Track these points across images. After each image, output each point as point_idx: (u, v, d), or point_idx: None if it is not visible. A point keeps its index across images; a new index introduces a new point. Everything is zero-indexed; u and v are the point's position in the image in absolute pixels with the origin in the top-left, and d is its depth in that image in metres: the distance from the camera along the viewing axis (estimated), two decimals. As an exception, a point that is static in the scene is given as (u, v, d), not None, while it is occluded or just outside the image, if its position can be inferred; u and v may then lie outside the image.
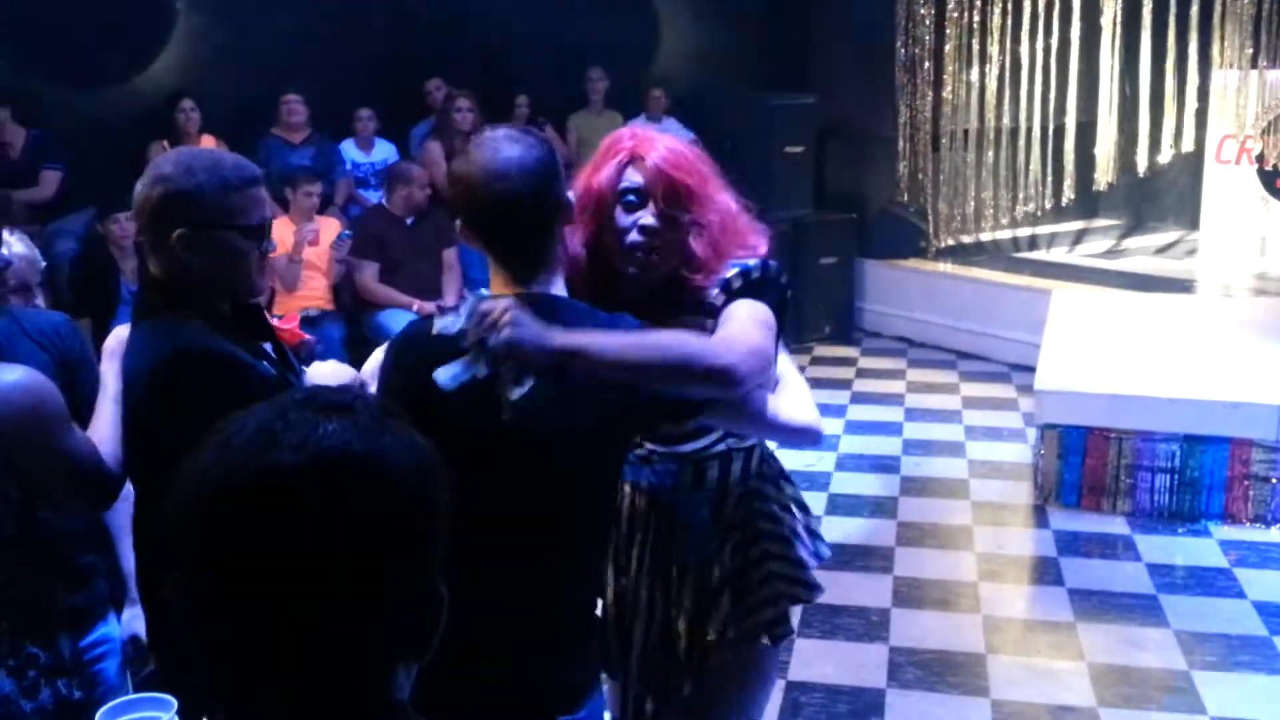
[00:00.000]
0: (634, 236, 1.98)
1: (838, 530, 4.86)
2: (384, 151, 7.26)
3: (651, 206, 1.98)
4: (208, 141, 6.29)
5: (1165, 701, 3.64)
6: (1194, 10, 7.98)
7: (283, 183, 6.16)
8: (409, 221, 6.25)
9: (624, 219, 1.99)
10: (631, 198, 1.98)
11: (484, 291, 1.80)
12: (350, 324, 6.25)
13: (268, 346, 2.04)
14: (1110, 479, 5.04)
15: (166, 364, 1.88)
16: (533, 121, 7.69)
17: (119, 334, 2.09)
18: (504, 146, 1.81)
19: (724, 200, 2.06)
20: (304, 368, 2.15)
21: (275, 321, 2.18)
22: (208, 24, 6.89)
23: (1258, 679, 3.78)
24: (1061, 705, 3.63)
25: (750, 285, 2.02)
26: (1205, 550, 4.74)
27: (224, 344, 1.90)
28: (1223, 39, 8.02)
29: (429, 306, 6.04)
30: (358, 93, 7.13)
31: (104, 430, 2.06)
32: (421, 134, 7.39)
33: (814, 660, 3.87)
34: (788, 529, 2.25)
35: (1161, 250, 8.72)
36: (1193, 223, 8.91)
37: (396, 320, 5.77)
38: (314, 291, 6.16)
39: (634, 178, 1.99)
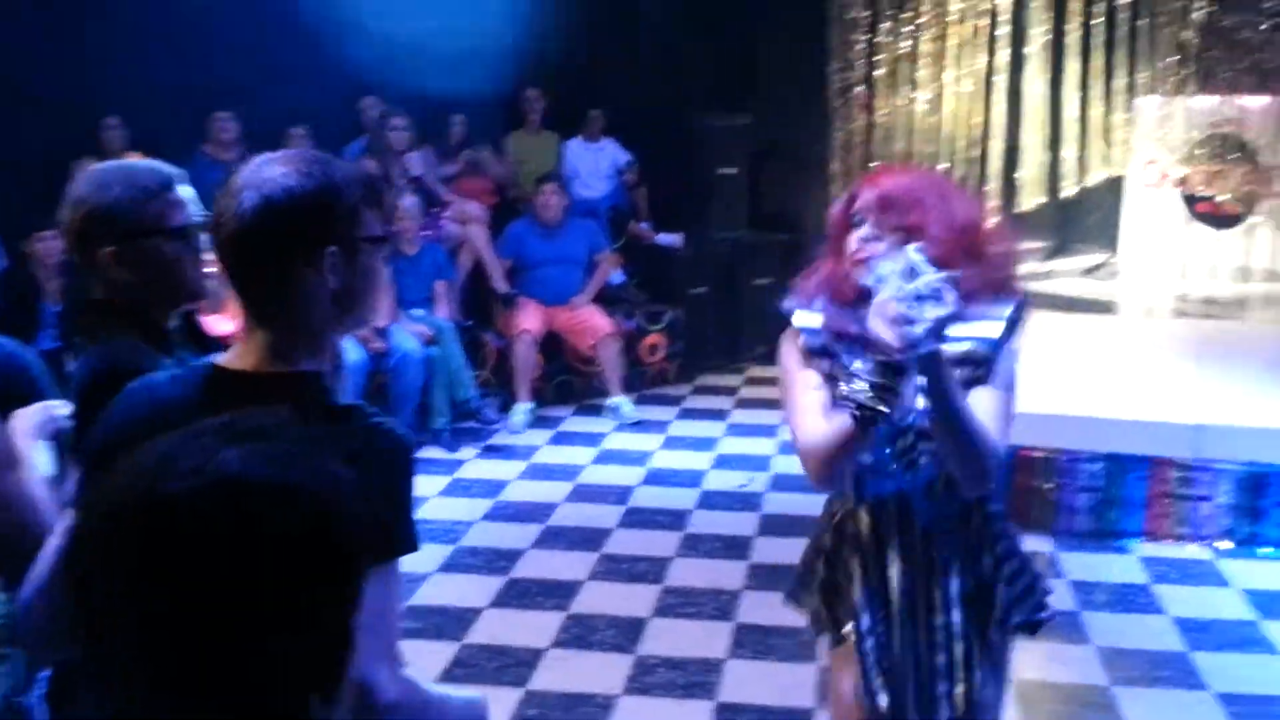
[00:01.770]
0: (856, 249, 2.21)
1: (771, 551, 4.90)
2: (317, 170, 7.19)
3: (871, 219, 2.21)
4: (134, 158, 6.19)
5: (1087, 717, 3.71)
6: (1120, 37, 8.20)
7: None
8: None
9: (852, 238, 2.23)
10: (857, 218, 2.23)
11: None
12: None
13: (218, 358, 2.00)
14: (1035, 497, 5.13)
15: (87, 387, 1.87)
16: (469, 141, 7.70)
17: (22, 414, 1.95)
18: (266, 166, 1.59)
19: (951, 217, 2.19)
20: None
21: (223, 330, 2.15)
22: (137, 40, 6.79)
23: (1176, 694, 3.86)
24: (987, 722, 3.68)
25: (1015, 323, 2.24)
26: (1127, 567, 4.85)
27: (149, 361, 1.87)
28: (1154, 65, 8.23)
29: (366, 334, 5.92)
30: (290, 111, 7.07)
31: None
32: (355, 152, 7.35)
33: (747, 681, 3.90)
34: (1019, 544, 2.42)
35: (1088, 272, 8.89)
36: (1113, 245, 9.11)
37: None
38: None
39: (858, 205, 2.25)
